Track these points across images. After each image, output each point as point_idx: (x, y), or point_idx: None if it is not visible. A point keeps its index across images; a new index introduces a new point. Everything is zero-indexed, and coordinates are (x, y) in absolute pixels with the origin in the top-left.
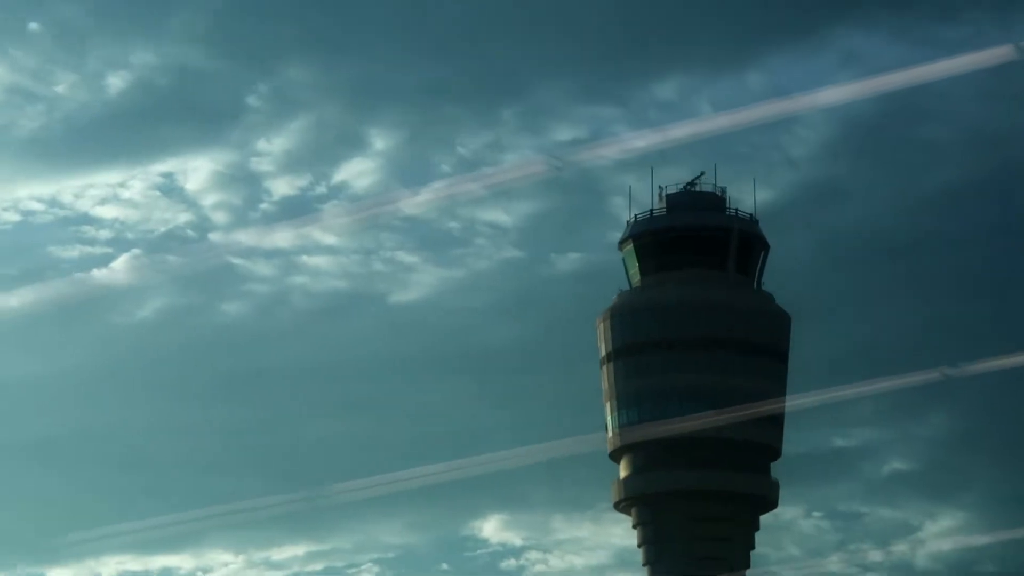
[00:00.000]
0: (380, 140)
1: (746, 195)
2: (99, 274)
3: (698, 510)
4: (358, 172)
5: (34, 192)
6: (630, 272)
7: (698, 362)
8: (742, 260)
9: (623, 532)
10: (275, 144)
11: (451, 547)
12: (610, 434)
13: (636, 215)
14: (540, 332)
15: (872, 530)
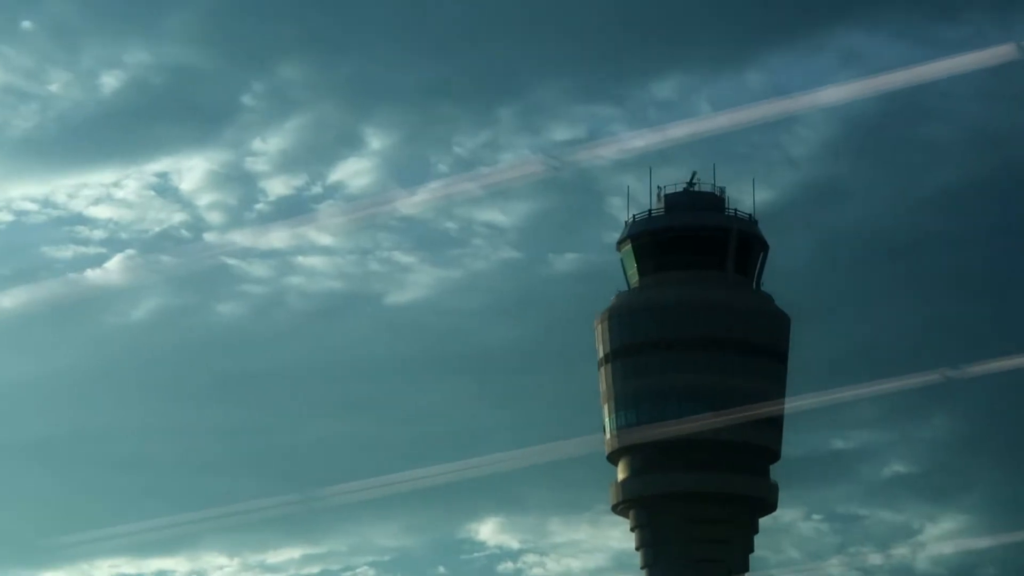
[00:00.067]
0: (376, 139)
1: (745, 195)
2: (93, 275)
3: (696, 513)
4: (354, 172)
5: (27, 192)
6: (628, 273)
7: (697, 363)
8: (741, 260)
9: (621, 535)
10: (270, 144)
11: (447, 550)
12: (608, 436)
13: (634, 215)
14: (537, 333)
15: (872, 533)
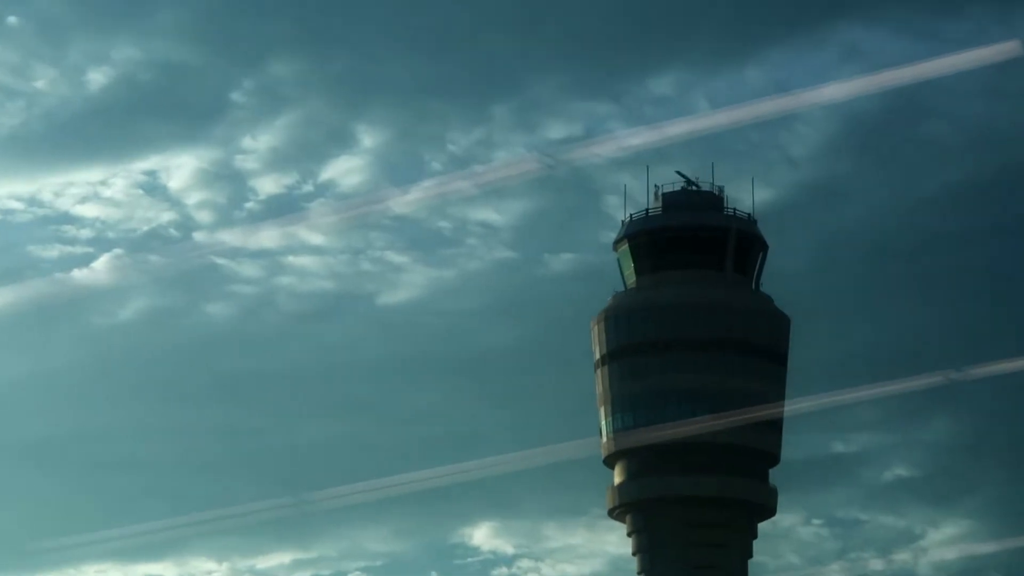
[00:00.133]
0: (368, 137)
1: (744, 194)
2: (80, 274)
3: (694, 517)
4: (346, 170)
5: (13, 190)
6: (625, 273)
7: (695, 363)
8: (740, 260)
9: (617, 540)
10: (261, 141)
11: (440, 555)
12: (604, 439)
13: (631, 214)
14: (533, 334)
15: (873, 538)
